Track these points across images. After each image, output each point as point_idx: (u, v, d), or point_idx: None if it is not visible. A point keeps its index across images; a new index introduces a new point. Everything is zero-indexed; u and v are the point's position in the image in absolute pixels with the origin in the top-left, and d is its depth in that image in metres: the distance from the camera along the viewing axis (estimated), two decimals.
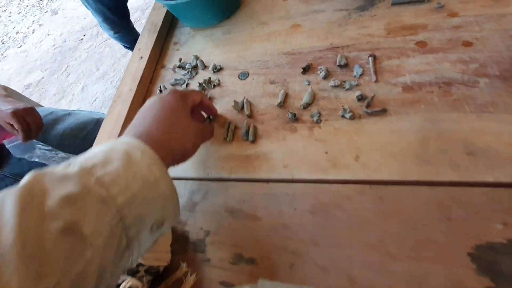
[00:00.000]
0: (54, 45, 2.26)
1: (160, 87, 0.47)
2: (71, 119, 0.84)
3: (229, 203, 0.33)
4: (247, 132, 0.37)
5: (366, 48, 0.38)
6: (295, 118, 0.36)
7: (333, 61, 0.39)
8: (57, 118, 0.83)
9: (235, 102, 0.40)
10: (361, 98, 0.34)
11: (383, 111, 0.33)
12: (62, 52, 2.18)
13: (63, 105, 1.83)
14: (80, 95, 1.85)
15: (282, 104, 0.38)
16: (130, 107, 0.46)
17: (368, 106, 0.33)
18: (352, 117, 0.33)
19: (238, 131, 0.38)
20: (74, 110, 0.88)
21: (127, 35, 1.38)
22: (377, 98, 0.34)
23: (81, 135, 0.81)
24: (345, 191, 0.29)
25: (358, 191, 0.29)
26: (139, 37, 0.54)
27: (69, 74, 2.01)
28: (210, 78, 0.44)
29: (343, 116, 0.34)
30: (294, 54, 0.42)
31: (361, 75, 0.36)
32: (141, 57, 0.51)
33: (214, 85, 0.44)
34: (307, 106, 0.36)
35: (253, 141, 0.36)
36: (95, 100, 1.75)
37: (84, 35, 2.21)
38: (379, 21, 0.39)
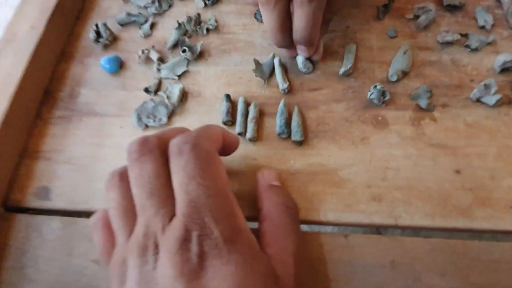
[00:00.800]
0: None
1: (96, 25, 0.24)
2: None
3: None
4: (287, 123, 0.19)
5: None
6: (383, 101, 0.19)
7: None
8: None
9: (257, 62, 0.21)
10: (507, 68, 0.18)
11: None
12: None
13: None
14: None
15: (351, 72, 0.20)
16: (30, 63, 0.23)
17: None
18: (499, 103, 0.18)
19: (267, 121, 0.20)
20: None
21: None
22: None
23: None
24: None
25: None
26: None
27: None
28: (199, 15, 0.24)
29: (478, 100, 0.18)
30: None
31: (492, 25, 0.20)
32: None
33: (208, 30, 0.23)
34: (402, 77, 0.19)
35: (301, 143, 0.18)
36: None
37: None
38: None
